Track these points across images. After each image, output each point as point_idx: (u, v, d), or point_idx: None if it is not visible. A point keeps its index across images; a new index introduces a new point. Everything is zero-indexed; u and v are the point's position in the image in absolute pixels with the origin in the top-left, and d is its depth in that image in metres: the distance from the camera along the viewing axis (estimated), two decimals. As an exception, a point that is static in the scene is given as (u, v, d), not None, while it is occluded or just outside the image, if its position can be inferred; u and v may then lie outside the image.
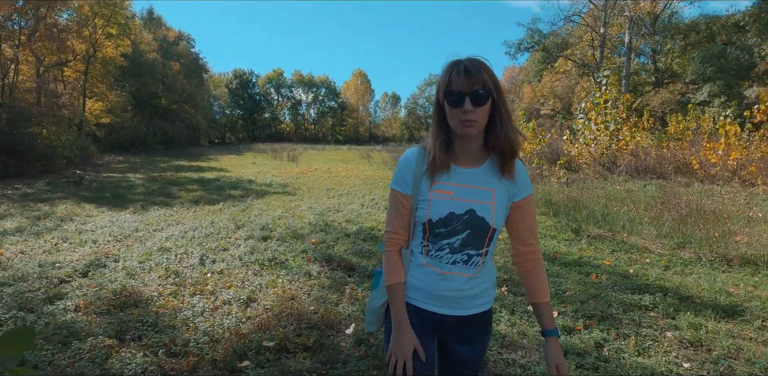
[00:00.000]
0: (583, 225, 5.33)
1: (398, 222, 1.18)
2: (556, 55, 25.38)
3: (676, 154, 10.77)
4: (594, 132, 10.66)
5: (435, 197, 1.12)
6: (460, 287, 1.14)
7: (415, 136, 56.85)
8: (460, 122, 1.05)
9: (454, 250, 1.13)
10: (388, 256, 1.19)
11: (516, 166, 1.14)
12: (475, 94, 1.03)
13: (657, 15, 23.82)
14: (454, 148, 1.13)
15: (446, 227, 1.11)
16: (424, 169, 1.13)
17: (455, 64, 1.06)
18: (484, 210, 1.11)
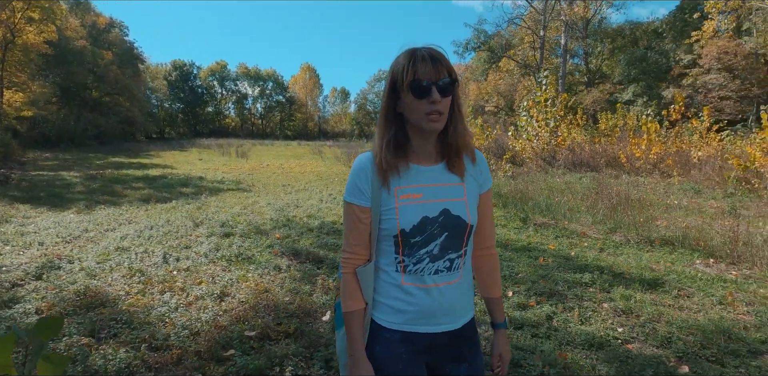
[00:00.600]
0: (530, 214, 5.80)
1: (356, 240, 1.03)
2: (500, 55, 26.67)
3: (606, 149, 11.83)
4: (536, 128, 11.42)
5: (403, 203, 0.99)
6: (449, 297, 1.03)
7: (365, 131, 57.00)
8: (426, 115, 0.94)
9: (434, 257, 1.01)
10: (345, 279, 1.05)
11: (478, 156, 1.08)
12: (442, 83, 0.94)
13: (588, 20, 25.71)
14: (410, 145, 1.01)
15: (422, 235, 0.98)
16: (380, 179, 1.00)
17: (416, 51, 0.95)
18: (459, 207, 1.01)
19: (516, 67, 27.34)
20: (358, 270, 1.04)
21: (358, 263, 1.05)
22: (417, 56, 0.94)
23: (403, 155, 1.01)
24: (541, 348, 2.32)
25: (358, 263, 1.05)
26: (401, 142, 1.00)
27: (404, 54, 0.97)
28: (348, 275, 1.05)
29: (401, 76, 0.95)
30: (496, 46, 26.62)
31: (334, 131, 58.77)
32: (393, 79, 0.98)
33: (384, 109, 1.00)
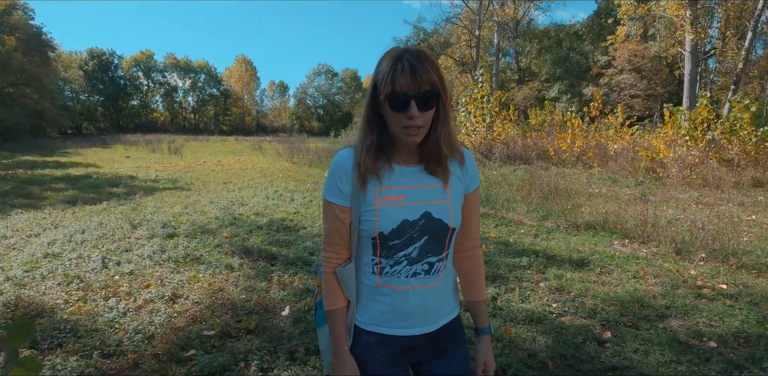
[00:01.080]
0: (472, 205, 6.16)
1: (336, 239, 1.01)
2: (439, 53, 27.50)
3: (537, 143, 12.74)
4: (473, 124, 12.00)
5: (383, 205, 0.95)
6: (426, 300, 1.01)
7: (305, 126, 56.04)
8: (403, 129, 0.90)
9: (413, 260, 0.98)
10: (326, 278, 1.03)
11: (465, 155, 1.03)
12: (422, 96, 0.87)
13: (518, 21, 27.26)
14: (394, 146, 0.98)
15: (400, 238, 0.96)
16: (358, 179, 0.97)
17: (399, 59, 0.88)
18: (441, 210, 0.98)
19: (454, 65, 28.36)
20: (337, 270, 1.01)
21: (338, 263, 1.02)
22: (398, 65, 0.87)
23: (385, 157, 0.96)
24: (489, 326, 2.56)
25: (338, 263, 1.02)
26: (384, 144, 0.96)
27: (387, 58, 0.89)
28: (328, 275, 1.03)
29: (381, 84, 0.89)
30: (435, 43, 27.42)
31: (274, 126, 57.08)
32: (375, 83, 0.92)
33: (366, 112, 0.95)
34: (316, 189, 8.00)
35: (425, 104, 0.89)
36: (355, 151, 0.99)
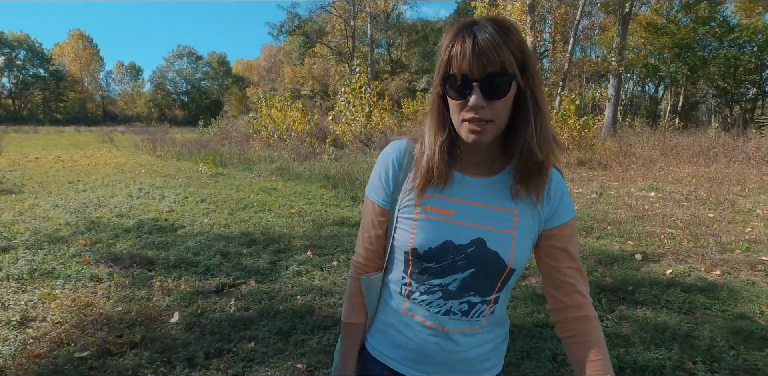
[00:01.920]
0: (359, 193, 6.36)
1: (368, 244, 0.85)
2: (315, 41, 27.04)
3: (412, 132, 13.58)
4: (353, 113, 12.24)
5: (423, 217, 0.76)
6: (460, 347, 0.80)
7: (166, 114, 50.25)
8: (464, 124, 0.70)
9: (449, 295, 0.77)
10: (350, 285, 0.90)
11: (552, 178, 0.78)
12: (489, 80, 0.66)
13: (389, 14, 28.30)
14: (459, 150, 0.77)
15: (438, 263, 0.76)
16: (410, 175, 0.78)
17: (461, 30, 0.67)
18: (500, 241, 0.75)
19: (330, 53, 28.25)
20: (362, 279, 0.87)
21: (367, 271, 0.87)
22: (460, 38, 0.66)
23: (452, 162, 0.77)
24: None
25: (367, 271, 0.87)
26: (452, 142, 0.76)
27: (452, 30, 0.69)
28: (353, 280, 0.89)
29: (440, 65, 0.70)
30: (310, 31, 26.85)
31: (126, 114, 49.89)
32: (437, 66, 0.71)
33: (434, 104, 0.76)
34: (191, 184, 7.34)
35: (494, 91, 0.66)
36: (409, 143, 0.81)
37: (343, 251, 3.82)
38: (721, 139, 10.31)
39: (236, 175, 8.70)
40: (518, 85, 0.69)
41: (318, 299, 2.83)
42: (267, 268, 3.39)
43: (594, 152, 10.00)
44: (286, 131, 13.11)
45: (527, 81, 0.69)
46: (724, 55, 18.61)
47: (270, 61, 50.39)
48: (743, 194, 6.10)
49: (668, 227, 4.58)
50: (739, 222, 4.70)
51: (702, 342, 2.25)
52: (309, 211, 5.40)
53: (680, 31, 19.18)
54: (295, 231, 4.47)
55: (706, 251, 3.77)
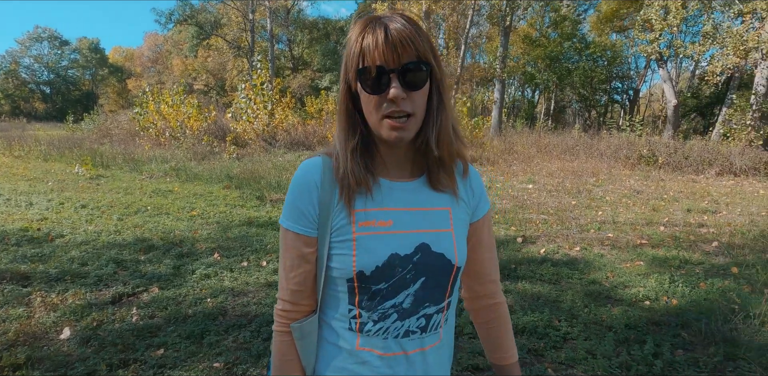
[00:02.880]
0: (265, 192, 6.24)
1: (297, 284, 0.73)
2: (210, 33, 25.16)
3: (316, 130, 13.59)
4: (255, 111, 11.83)
5: (362, 234, 0.70)
6: (421, 369, 0.75)
7: (21, 107, 42.77)
8: (385, 119, 0.66)
9: (404, 313, 0.72)
10: (279, 340, 0.75)
11: (470, 172, 0.80)
12: (407, 70, 0.64)
13: (289, 9, 27.61)
14: (377, 153, 0.73)
15: (388, 281, 0.70)
16: (336, 192, 0.71)
17: (369, 23, 0.65)
18: (443, 241, 0.73)
19: (227, 47, 26.60)
20: (293, 327, 0.74)
21: (298, 317, 0.74)
22: (369, 30, 0.64)
23: (371, 166, 0.72)
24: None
25: (298, 317, 0.74)
26: (368, 148, 0.72)
27: (357, 26, 0.67)
28: (282, 335, 0.75)
29: (350, 60, 0.67)
30: (204, 21, 24.91)
31: (-37, 107, 41.31)
32: (344, 64, 0.68)
33: (342, 105, 0.71)
34: (65, 188, 6.48)
35: (413, 82, 0.64)
36: (326, 159, 0.74)
37: (252, 251, 3.78)
38: (581, 138, 12.16)
39: (122, 177, 7.87)
40: (432, 77, 0.67)
41: (230, 300, 2.80)
42: (170, 273, 3.22)
43: (483, 150, 11.08)
44: (180, 129, 12.14)
45: (438, 74, 0.68)
46: (583, 67, 21.86)
47: (155, 51, 45.72)
48: (597, 184, 7.36)
49: (542, 213, 5.36)
50: (593, 207, 5.69)
51: (565, 305, 2.76)
52: (212, 213, 5.17)
53: (550, 44, 22.02)
54: (198, 234, 4.27)
55: (570, 232, 4.52)
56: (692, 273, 3.35)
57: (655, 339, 2.30)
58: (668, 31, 13.56)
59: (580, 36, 23.66)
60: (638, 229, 4.68)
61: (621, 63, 24.48)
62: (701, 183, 7.82)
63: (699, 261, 3.65)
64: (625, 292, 3.00)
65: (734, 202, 6.14)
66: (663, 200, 6.15)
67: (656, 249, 3.99)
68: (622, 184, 7.45)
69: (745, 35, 11.32)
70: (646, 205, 5.85)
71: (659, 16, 13.04)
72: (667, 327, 2.48)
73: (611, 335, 2.36)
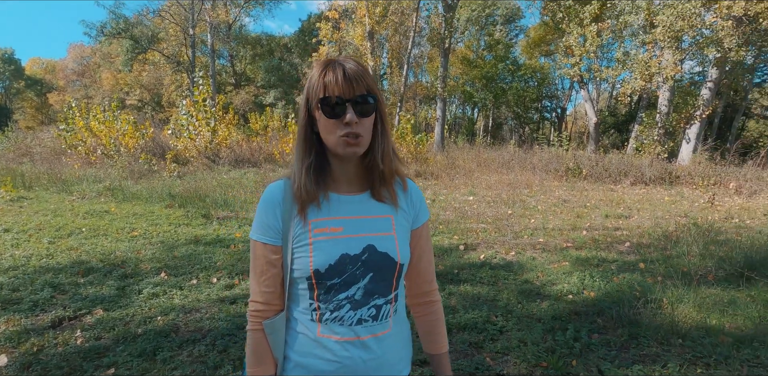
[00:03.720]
0: (211, 210, 6.14)
1: (267, 287, 0.88)
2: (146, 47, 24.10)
3: (262, 147, 13.45)
4: (197, 127, 11.53)
5: (317, 239, 0.85)
6: (376, 353, 0.89)
7: None
8: (342, 138, 0.82)
9: (357, 304, 0.87)
10: (253, 337, 0.90)
11: (409, 186, 0.97)
12: (359, 101, 0.81)
13: (231, 24, 27.29)
14: (331, 170, 0.90)
15: (341, 276, 0.85)
16: (295, 208, 0.88)
17: (330, 63, 0.84)
18: (386, 243, 0.88)
19: (165, 62, 25.61)
20: (266, 323, 0.89)
21: (268, 315, 0.90)
22: (330, 69, 0.82)
23: (323, 184, 0.89)
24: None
25: (268, 315, 0.90)
26: (322, 167, 0.89)
27: (318, 65, 0.85)
28: (256, 333, 0.90)
29: (313, 91, 0.84)
30: (140, 35, 23.85)
31: None
32: (306, 95, 0.87)
33: (301, 129, 0.89)
34: (-17, 211, 5.94)
35: (363, 110, 0.83)
36: (286, 182, 0.91)
37: (202, 268, 3.75)
38: (516, 153, 13.10)
39: (49, 198, 7.34)
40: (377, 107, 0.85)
41: (182, 317, 2.79)
42: (115, 294, 3.13)
43: (428, 165, 11.58)
44: (114, 146, 11.50)
45: (380, 106, 0.86)
46: (516, 87, 23.64)
47: (81, 63, 42.78)
48: (530, 195, 8.00)
49: (482, 222, 5.76)
50: (526, 216, 6.21)
51: (501, 303, 3.06)
52: (155, 232, 5.01)
53: (486, 65, 23.62)
54: (142, 254, 4.15)
55: (506, 239, 4.93)
56: (608, 270, 3.82)
57: (575, 326, 2.64)
58: (587, 56, 15.17)
59: (512, 58, 25.59)
60: (564, 233, 5.20)
61: (549, 84, 26.75)
62: (618, 192, 8.76)
63: (614, 259, 4.16)
64: (553, 288, 3.37)
65: (644, 208, 6.97)
66: (586, 208, 6.84)
67: (579, 251, 4.47)
68: (551, 194, 8.16)
69: (649, 62, 12.98)
70: (572, 212, 6.48)
71: (578, 43, 14.56)
72: (585, 316, 2.84)
73: (540, 325, 2.68)
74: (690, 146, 12.84)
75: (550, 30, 20.99)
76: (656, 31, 12.19)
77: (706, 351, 2.36)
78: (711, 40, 11.60)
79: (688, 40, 12.67)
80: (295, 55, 30.88)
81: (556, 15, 15.55)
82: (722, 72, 13.00)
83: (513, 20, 28.92)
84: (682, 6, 11.45)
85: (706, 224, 5.38)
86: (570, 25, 14.64)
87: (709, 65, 13.36)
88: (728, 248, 4.26)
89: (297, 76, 30.96)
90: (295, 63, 31.02)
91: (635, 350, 2.41)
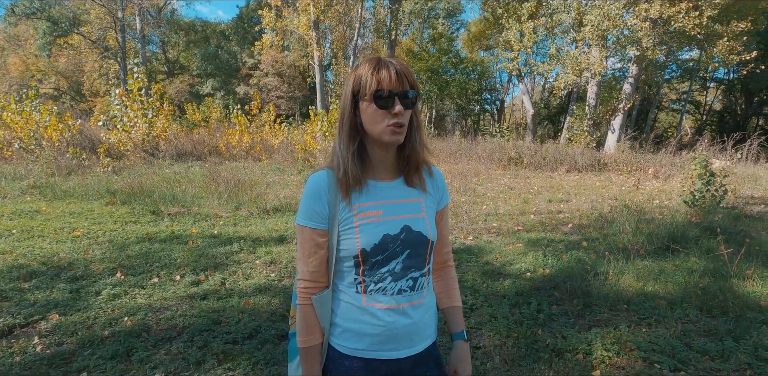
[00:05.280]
0: (160, 206, 5.81)
1: (315, 267, 1.00)
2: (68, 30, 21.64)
3: (205, 139, 12.81)
4: (131, 119, 10.72)
5: (363, 222, 0.97)
6: (413, 319, 1.02)
7: None
8: (389, 127, 0.93)
9: (397, 276, 0.99)
10: (303, 310, 1.01)
11: (435, 172, 1.10)
12: (406, 95, 0.93)
13: (161, 8, 25.33)
14: (369, 159, 1.01)
15: (383, 254, 0.97)
16: (339, 195, 0.98)
17: (381, 62, 0.94)
18: (419, 223, 1.01)
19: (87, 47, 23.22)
20: (314, 298, 1.01)
21: (316, 292, 1.01)
22: (382, 66, 0.93)
23: (363, 169, 0.99)
24: (230, 305, 2.84)
25: (316, 292, 1.01)
26: (362, 155, 1.00)
27: (368, 62, 0.95)
28: (305, 307, 1.01)
29: (365, 84, 0.93)
30: (60, 17, 21.34)
31: None
32: (354, 88, 0.96)
33: (347, 119, 0.97)
34: None
35: (407, 103, 0.94)
36: (329, 171, 1.00)
37: (161, 266, 3.59)
38: (462, 144, 13.61)
39: (-39, 198, 6.52)
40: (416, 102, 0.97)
41: (152, 316, 2.68)
42: (69, 298, 2.92)
43: (379, 156, 11.69)
44: (34, 140, 10.37)
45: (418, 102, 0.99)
46: (458, 80, 24.37)
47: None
48: (479, 183, 8.41)
49: (438, 210, 6.00)
50: (478, 203, 6.55)
51: (468, 283, 3.26)
52: (100, 231, 4.67)
53: (430, 58, 24.07)
54: (90, 255, 3.87)
55: (463, 224, 5.19)
56: (557, 249, 4.18)
57: (537, 300, 2.90)
58: (524, 51, 16.01)
59: (455, 52, 26.26)
60: (515, 218, 5.57)
61: (489, 77, 27.84)
62: (556, 179, 9.46)
63: (560, 240, 4.55)
64: (512, 268, 3.64)
65: (580, 192, 7.62)
66: (530, 194, 7.34)
67: (530, 233, 4.83)
68: (498, 182, 8.64)
69: (579, 58, 13.98)
70: (519, 198, 6.93)
71: (517, 38, 15.31)
72: (544, 290, 3.12)
73: (506, 301, 2.90)
74: (614, 136, 14.10)
75: (490, 25, 21.82)
76: (585, 29, 13.15)
77: (647, 313, 2.71)
78: (631, 40, 12.74)
79: (612, 39, 13.80)
80: (233, 43, 29.43)
81: (496, 11, 16.20)
82: (640, 68, 14.35)
83: (454, 14, 29.64)
84: (607, 7, 12.43)
85: (634, 206, 6.02)
86: (509, 20, 15.34)
87: (629, 62, 14.68)
88: (654, 226, 4.82)
89: (236, 65, 29.57)
90: (233, 51, 29.59)
91: (590, 316, 2.70)
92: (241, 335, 2.45)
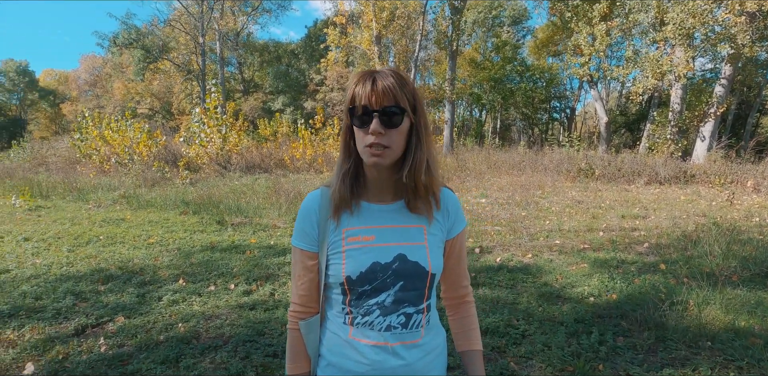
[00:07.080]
0: (225, 217, 6.18)
1: (305, 290, 0.94)
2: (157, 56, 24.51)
3: (272, 153, 13.55)
4: (208, 135, 11.66)
5: (351, 247, 0.88)
6: (406, 361, 0.89)
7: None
8: (366, 149, 0.83)
9: (386, 310, 0.88)
10: (290, 335, 0.97)
11: (446, 196, 0.96)
12: (385, 112, 0.81)
13: (239, 32, 27.64)
14: (365, 180, 0.92)
15: (371, 284, 0.87)
16: (329, 215, 0.91)
17: (366, 75, 0.84)
18: (417, 252, 0.89)
19: (175, 70, 26.00)
20: (301, 324, 0.95)
21: (304, 317, 0.95)
22: (362, 80, 0.83)
23: (357, 190, 0.91)
24: (275, 316, 2.89)
25: (304, 317, 0.95)
26: (358, 175, 0.91)
27: (353, 76, 0.87)
28: (293, 331, 0.96)
29: (347, 101, 0.86)
30: (152, 45, 24.27)
31: None
32: (345, 105, 0.88)
33: (343, 137, 0.91)
34: (2, 221, 6.06)
35: (389, 121, 0.82)
36: (323, 191, 0.94)
37: (219, 275, 3.77)
38: (527, 154, 13.00)
39: (65, 207, 7.46)
40: (411, 121, 0.85)
41: (203, 323, 2.80)
42: (135, 302, 3.15)
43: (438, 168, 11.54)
44: (128, 155, 11.67)
45: (418, 119, 0.86)
46: (524, 88, 23.51)
47: (93, 73, 43.62)
48: (543, 196, 7.92)
49: (496, 225, 5.71)
50: (541, 217, 6.15)
51: (521, 306, 3.02)
52: (171, 239, 5.06)
53: (493, 67, 23.54)
54: (159, 261, 4.18)
55: (522, 241, 4.88)
56: (628, 271, 3.76)
57: (599, 329, 2.60)
58: (596, 55, 15.05)
59: (520, 59, 25.47)
60: (581, 235, 5.13)
61: (558, 84, 26.55)
62: (632, 192, 8.63)
63: (633, 261, 4.09)
64: (573, 291, 3.32)
65: (660, 207, 6.86)
66: (601, 208, 6.75)
67: (597, 252, 4.41)
68: (564, 195, 8.07)
69: (660, 60, 12.83)
70: (587, 213, 6.40)
71: (587, 42, 14.46)
72: (609, 318, 2.79)
73: (563, 328, 2.63)
74: (705, 144, 12.63)
75: (558, 30, 20.87)
76: (666, 28, 12.04)
77: (737, 354, 2.30)
78: (724, 37, 11.43)
79: (700, 37, 12.49)
80: (302, 61, 31.13)
81: (564, 14, 15.46)
82: (735, 68, 12.80)
83: (520, 21, 28.82)
84: (692, 3, 11.31)
85: (726, 224, 5.27)
86: (579, 24, 14.55)
87: (721, 62, 13.16)
88: (752, 248, 4.17)
89: (305, 81, 31.18)
90: (302, 69, 31.27)
91: (663, 353, 2.35)
92: (281, 348, 2.47)
